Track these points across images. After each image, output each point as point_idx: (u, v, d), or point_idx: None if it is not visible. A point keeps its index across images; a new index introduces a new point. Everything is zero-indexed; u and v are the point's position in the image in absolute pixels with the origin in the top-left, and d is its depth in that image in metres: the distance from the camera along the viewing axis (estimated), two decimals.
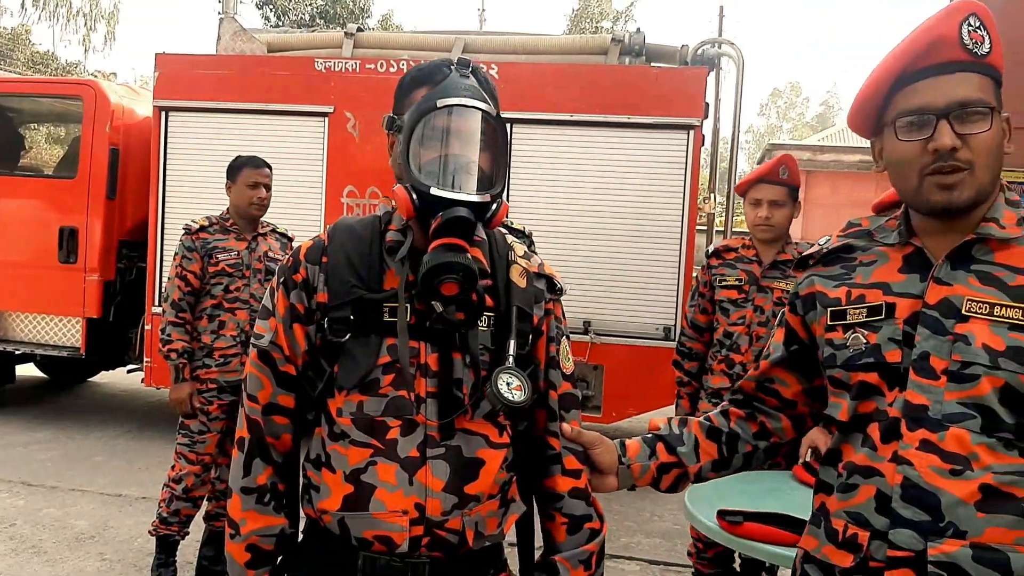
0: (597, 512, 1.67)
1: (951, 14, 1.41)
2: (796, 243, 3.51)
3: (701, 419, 1.75)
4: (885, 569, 1.39)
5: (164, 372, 5.94)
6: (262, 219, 4.04)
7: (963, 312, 1.38)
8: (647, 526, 5.22)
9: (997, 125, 1.40)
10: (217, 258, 3.86)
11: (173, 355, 3.80)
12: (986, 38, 1.41)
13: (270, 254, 4.01)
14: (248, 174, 3.89)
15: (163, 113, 6.55)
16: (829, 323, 1.52)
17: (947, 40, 1.39)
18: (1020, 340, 1.33)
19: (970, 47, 1.39)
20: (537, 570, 1.66)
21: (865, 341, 1.46)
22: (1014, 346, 1.34)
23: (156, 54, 6.60)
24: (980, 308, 1.37)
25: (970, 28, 1.40)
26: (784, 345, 1.68)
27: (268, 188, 3.96)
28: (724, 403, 1.80)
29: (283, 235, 4.17)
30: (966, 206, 1.40)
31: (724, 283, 3.52)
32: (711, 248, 3.70)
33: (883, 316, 1.45)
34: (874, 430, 1.43)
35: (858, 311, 1.48)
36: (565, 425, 1.64)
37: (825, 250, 1.60)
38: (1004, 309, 1.35)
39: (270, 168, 3.99)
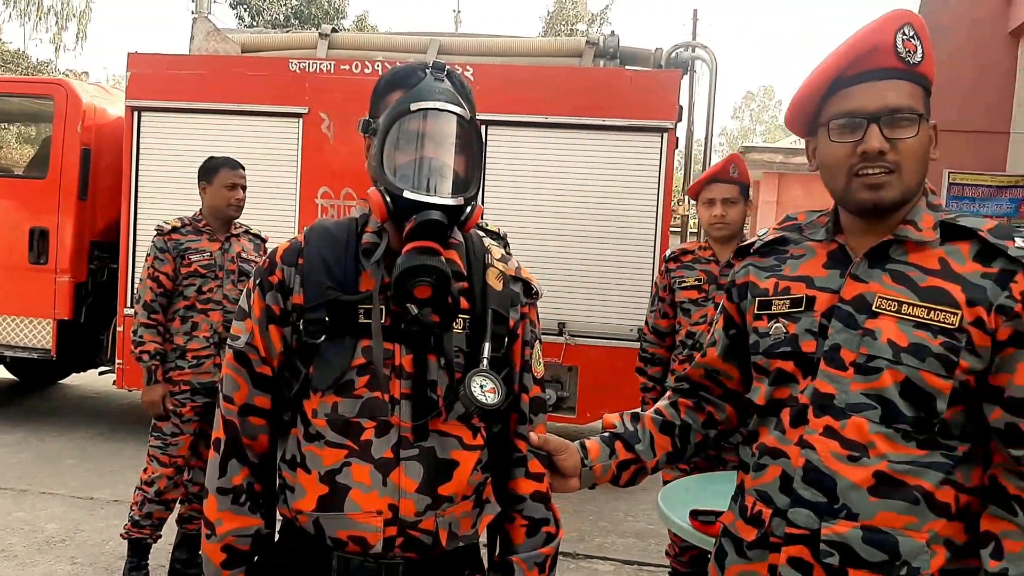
0: (555, 517, 1.69)
1: (887, 23, 1.47)
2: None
3: (652, 414, 1.81)
4: (783, 545, 1.49)
5: (136, 374, 5.90)
6: (235, 220, 4.03)
7: (874, 308, 1.45)
8: (621, 526, 5.25)
9: (924, 131, 1.47)
10: (190, 259, 3.84)
11: (145, 357, 3.77)
12: (919, 47, 1.47)
13: (243, 255, 3.99)
14: (225, 175, 3.87)
15: (136, 113, 6.50)
16: (756, 312, 1.62)
17: (882, 48, 1.45)
18: (923, 338, 1.41)
19: (904, 55, 1.45)
20: (493, 569, 1.68)
21: (785, 331, 1.55)
22: (917, 343, 1.41)
23: (129, 54, 6.55)
24: (890, 305, 1.44)
25: (904, 37, 1.46)
26: (724, 331, 1.76)
27: (244, 189, 3.95)
28: (672, 393, 1.86)
29: (256, 236, 4.16)
30: (891, 206, 1.47)
31: (683, 284, 3.56)
32: (668, 253, 3.74)
33: (803, 308, 1.53)
34: (785, 415, 1.52)
35: (782, 302, 1.57)
36: (533, 435, 1.66)
37: (762, 242, 1.68)
38: (911, 308, 1.43)
39: (244, 169, 3.99)
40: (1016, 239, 1.42)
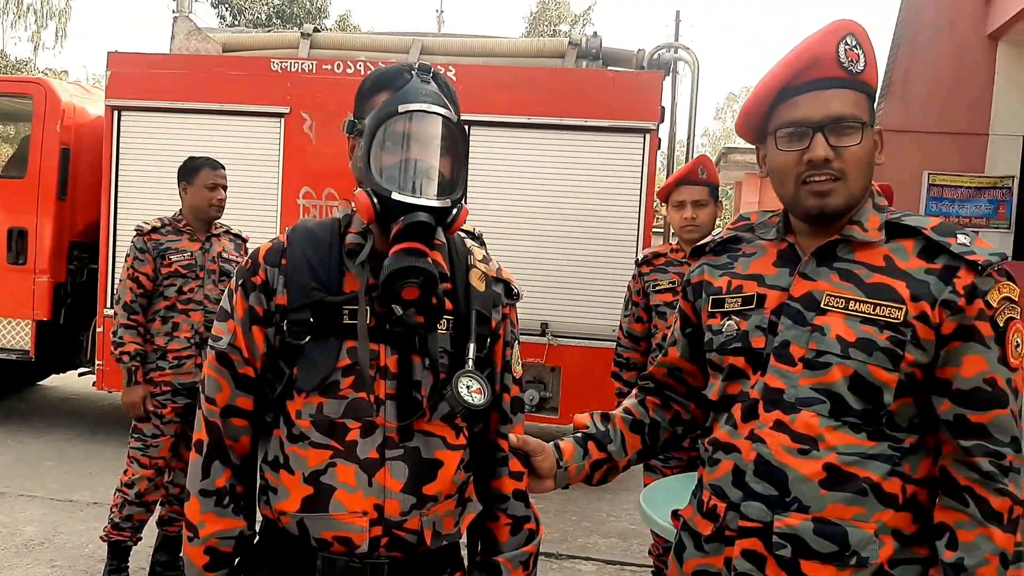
0: (534, 514, 1.71)
1: (830, 33, 1.50)
2: None
3: (622, 413, 1.84)
4: (736, 538, 1.52)
5: (116, 375, 5.85)
6: (216, 220, 4.00)
7: (822, 305, 1.50)
8: (603, 527, 5.26)
9: (868, 138, 1.51)
10: (170, 259, 3.81)
11: (126, 358, 3.75)
12: (861, 57, 1.51)
13: (224, 255, 3.96)
14: (207, 175, 3.85)
15: (116, 112, 6.46)
16: (710, 310, 1.66)
17: (825, 58, 1.49)
18: (870, 333, 1.45)
19: (846, 65, 1.49)
20: (478, 569, 1.68)
21: (736, 327, 1.59)
22: (864, 338, 1.45)
23: (108, 53, 6.51)
24: (837, 302, 1.48)
25: (847, 47, 1.50)
26: (682, 330, 1.80)
27: (225, 189, 3.93)
28: (639, 391, 1.89)
29: (237, 236, 4.13)
30: (837, 212, 1.51)
31: (658, 288, 3.54)
32: (640, 256, 3.73)
33: (754, 305, 1.58)
34: (737, 410, 1.56)
35: (734, 299, 1.62)
36: (512, 435, 1.67)
37: (716, 241, 1.73)
38: (858, 304, 1.47)
39: (224, 169, 3.97)
40: (958, 236, 1.47)
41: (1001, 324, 1.43)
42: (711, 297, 1.67)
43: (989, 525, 1.42)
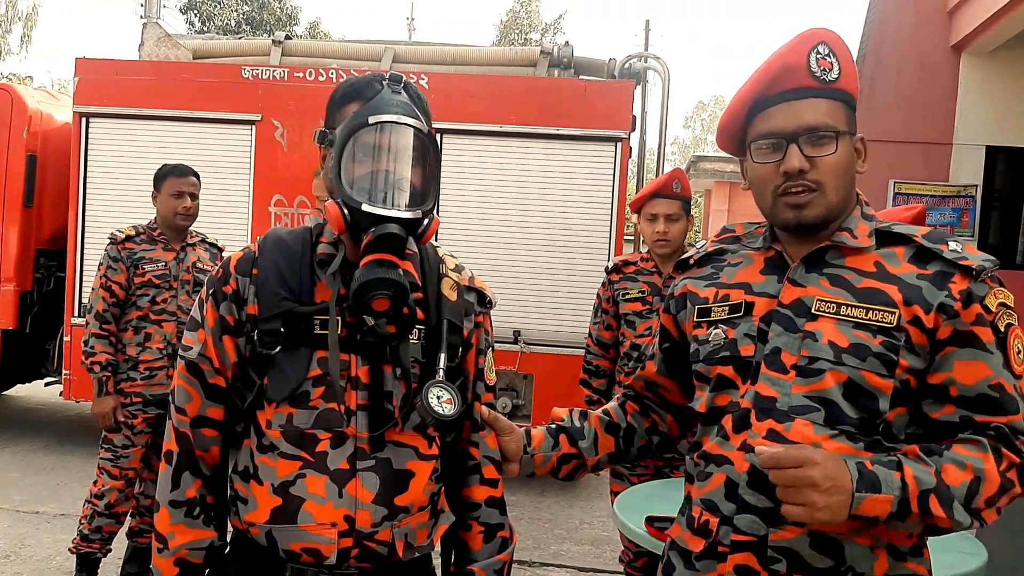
0: (508, 522, 1.70)
1: (801, 43, 1.50)
2: None
3: (600, 413, 1.83)
4: (730, 553, 1.47)
5: (84, 385, 5.77)
6: (191, 229, 3.93)
7: (813, 311, 1.47)
8: (576, 533, 5.27)
9: (846, 147, 1.49)
10: (144, 269, 3.75)
11: (97, 368, 3.70)
12: (835, 65, 1.49)
13: (199, 265, 3.89)
14: (172, 183, 3.79)
15: (84, 119, 6.39)
16: (696, 320, 1.62)
17: (796, 68, 1.48)
18: (862, 338, 1.42)
19: (818, 74, 1.48)
20: None
21: (724, 336, 1.55)
22: (857, 343, 1.43)
23: (76, 59, 6.45)
24: (828, 308, 1.46)
25: (819, 56, 1.48)
26: (659, 345, 1.78)
27: (194, 197, 3.84)
28: (621, 396, 1.88)
29: (212, 245, 4.06)
30: (815, 223, 1.50)
31: (627, 296, 3.55)
32: (610, 264, 3.74)
33: (742, 313, 1.54)
34: (727, 421, 1.52)
35: (721, 309, 1.58)
36: (484, 409, 1.67)
37: (701, 254, 1.70)
38: (850, 309, 1.45)
39: (197, 176, 3.88)
40: (949, 243, 1.46)
41: (1002, 329, 1.41)
42: (696, 307, 1.63)
43: (988, 452, 1.37)
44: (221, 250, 4.07)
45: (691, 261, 1.73)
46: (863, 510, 1.31)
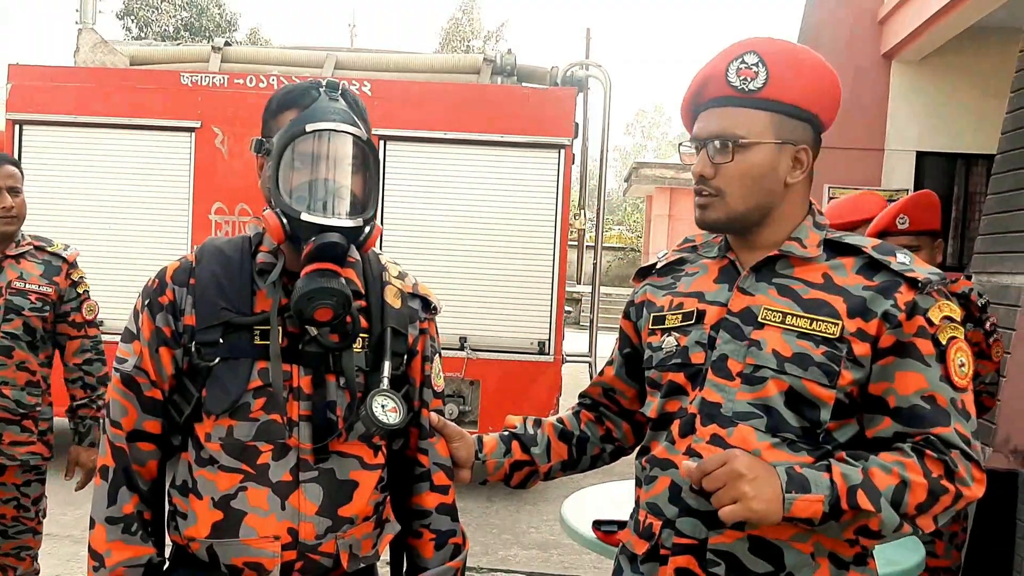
0: (460, 529, 1.70)
1: (724, 54, 1.53)
2: None
3: (554, 421, 1.83)
4: (671, 556, 1.49)
5: None
6: (25, 233, 3.03)
7: (760, 320, 1.49)
8: (523, 538, 5.28)
9: (758, 155, 1.49)
10: None
11: None
12: (761, 73, 1.49)
13: (17, 284, 2.92)
14: None
15: (17, 127, 6.23)
16: (651, 327, 1.64)
17: (715, 78, 1.52)
18: (805, 347, 1.44)
19: (736, 84, 1.50)
20: None
21: (676, 343, 1.57)
22: (799, 352, 1.44)
23: (9, 65, 6.30)
24: (774, 317, 1.48)
25: (743, 65, 1.50)
26: (620, 350, 1.79)
27: (16, 192, 2.97)
28: (576, 406, 1.89)
29: (54, 254, 3.04)
30: (715, 227, 1.56)
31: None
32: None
33: (693, 321, 1.56)
34: (675, 426, 1.53)
35: (675, 316, 1.60)
36: (433, 415, 1.66)
37: (661, 263, 1.73)
38: (795, 319, 1.47)
39: (17, 166, 3.07)
40: (898, 255, 1.47)
41: (943, 342, 1.42)
42: (652, 315, 1.65)
43: (911, 458, 1.37)
44: (67, 260, 3.06)
45: (652, 270, 1.74)
46: (796, 511, 1.33)
